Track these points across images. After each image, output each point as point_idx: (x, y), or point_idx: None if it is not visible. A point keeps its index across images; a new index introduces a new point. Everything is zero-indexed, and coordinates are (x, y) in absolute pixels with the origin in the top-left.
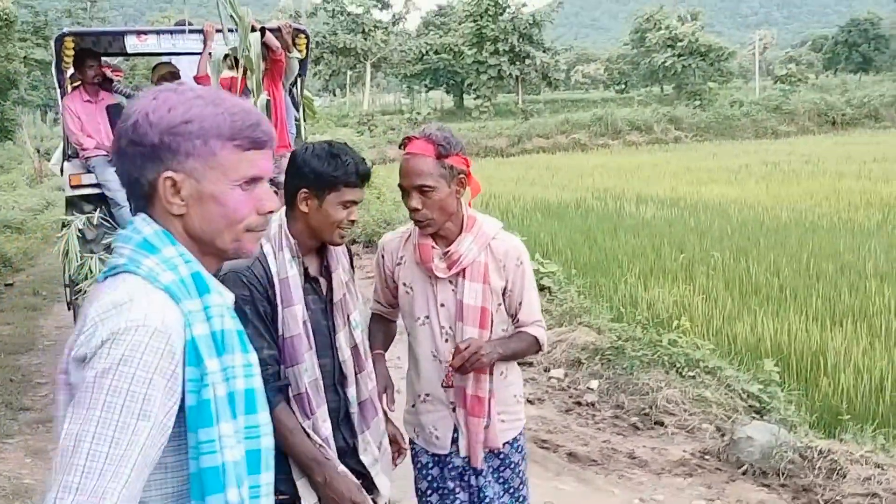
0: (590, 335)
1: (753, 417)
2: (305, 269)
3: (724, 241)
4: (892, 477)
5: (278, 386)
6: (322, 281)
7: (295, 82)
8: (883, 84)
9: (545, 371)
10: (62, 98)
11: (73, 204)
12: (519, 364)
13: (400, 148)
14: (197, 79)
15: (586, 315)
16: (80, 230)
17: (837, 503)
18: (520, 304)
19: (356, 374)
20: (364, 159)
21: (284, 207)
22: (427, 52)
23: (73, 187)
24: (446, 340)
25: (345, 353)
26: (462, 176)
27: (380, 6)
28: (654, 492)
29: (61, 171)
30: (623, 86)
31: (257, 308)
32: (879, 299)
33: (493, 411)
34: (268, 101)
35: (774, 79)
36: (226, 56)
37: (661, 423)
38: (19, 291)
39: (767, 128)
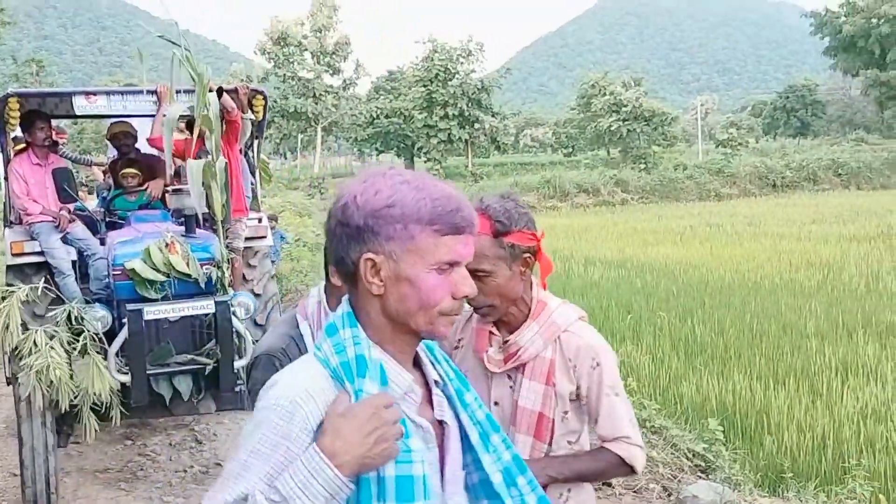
0: None
1: (699, 476)
2: None
3: (671, 301)
4: None
5: None
6: None
7: (250, 145)
8: (821, 148)
9: None
10: (5, 162)
11: (14, 273)
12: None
13: None
14: (150, 140)
15: None
16: (23, 301)
17: None
18: (598, 415)
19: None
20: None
21: (323, 281)
22: (377, 115)
23: (14, 255)
24: None
25: None
26: (528, 255)
27: (330, 72)
28: None
29: (1, 236)
30: (570, 149)
31: None
32: (820, 358)
33: None
34: (225, 164)
35: (716, 143)
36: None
37: (609, 485)
38: None
39: (710, 190)
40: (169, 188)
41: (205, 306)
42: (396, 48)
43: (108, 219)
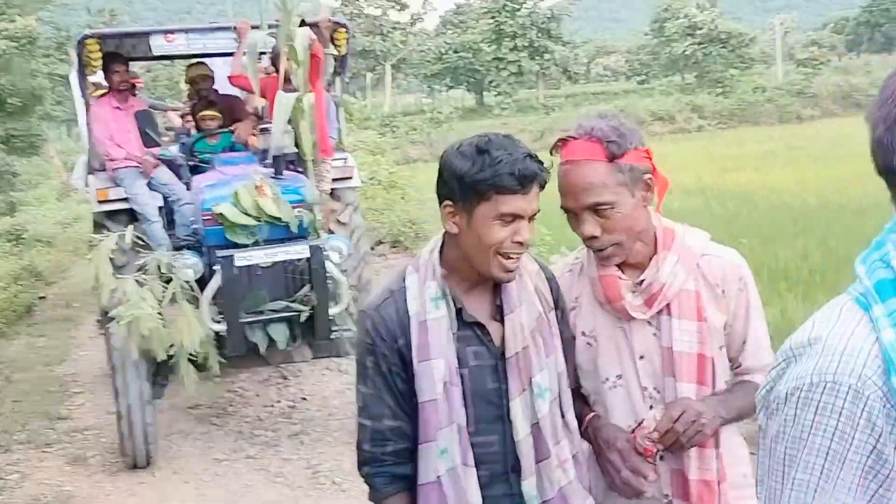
0: None
1: None
2: (459, 311)
3: (752, 228)
4: None
5: (395, 473)
6: (494, 327)
7: (332, 81)
8: None
9: None
10: (86, 106)
11: (100, 221)
12: None
13: (551, 154)
14: (232, 79)
15: None
16: (111, 250)
17: None
18: (743, 342)
19: (538, 463)
20: (529, 154)
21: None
22: (446, 51)
23: (100, 202)
24: (651, 406)
25: (521, 431)
26: (648, 177)
27: (397, 7)
28: None
29: (86, 184)
30: (644, 77)
31: (378, 362)
32: None
33: (730, 501)
34: (313, 99)
35: (797, 63)
36: (261, 54)
37: None
38: (52, 304)
39: (791, 112)
40: (255, 129)
41: (298, 251)
42: None
43: (190, 163)
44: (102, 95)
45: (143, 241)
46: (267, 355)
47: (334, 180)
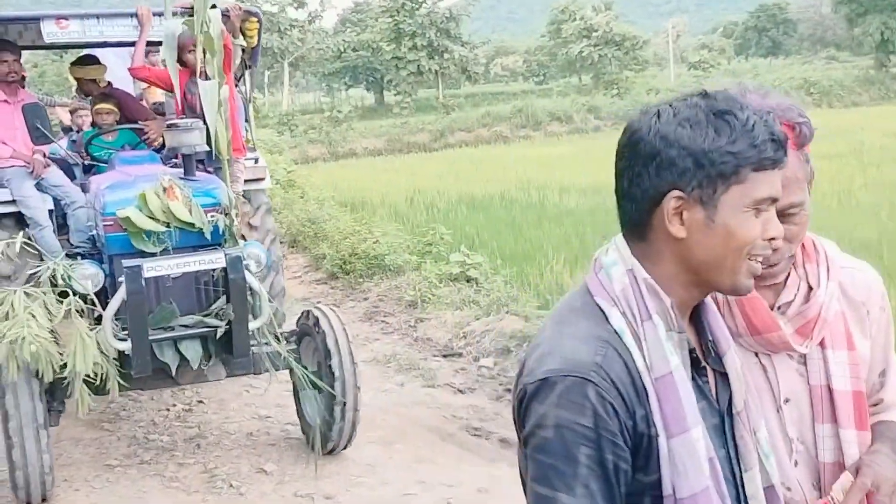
0: (517, 323)
1: None
2: (691, 352)
3: None
4: None
5: None
6: (710, 372)
7: (241, 76)
8: (792, 67)
9: (475, 360)
10: None
11: None
12: (445, 357)
13: None
14: (133, 71)
15: (513, 304)
16: None
17: None
18: (883, 372)
19: None
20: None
21: (623, 245)
22: (345, 49)
23: None
24: (796, 462)
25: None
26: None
27: (295, 5)
28: None
29: None
30: (542, 77)
31: (603, 454)
32: None
33: None
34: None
35: (689, 65)
36: (154, 44)
37: None
38: None
39: None
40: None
41: (214, 260)
42: None
43: (85, 163)
44: None
45: (32, 248)
46: (177, 375)
47: (246, 181)
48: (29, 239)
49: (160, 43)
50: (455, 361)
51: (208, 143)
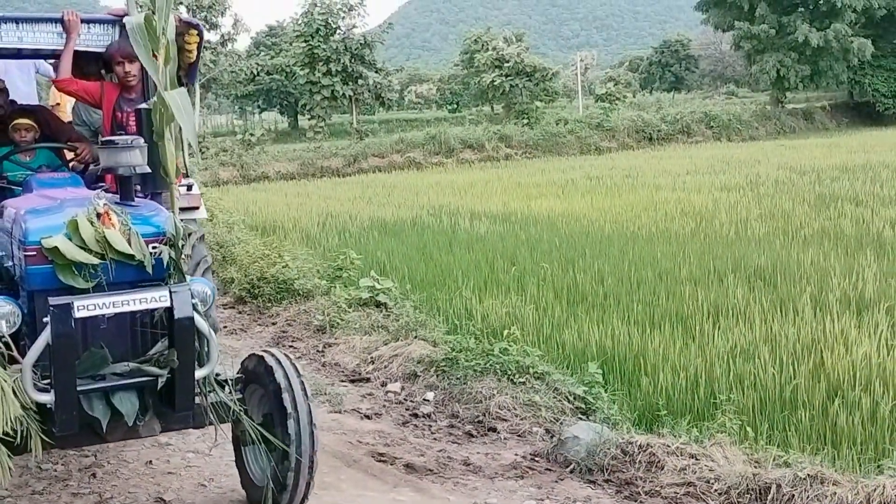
0: (425, 348)
1: (580, 418)
2: None
3: (553, 252)
4: (704, 466)
5: None
6: None
7: None
8: (693, 101)
9: (382, 385)
10: None
11: None
12: (353, 382)
13: None
14: (58, 83)
15: (422, 329)
16: None
17: (656, 493)
18: None
19: None
20: None
21: None
22: (258, 72)
23: None
24: None
25: None
26: None
27: (207, 27)
28: (488, 496)
29: None
30: (455, 105)
31: None
32: (693, 302)
33: None
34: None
35: (596, 98)
36: (89, 53)
37: (494, 429)
38: None
39: (591, 144)
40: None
41: (158, 298)
42: (275, 3)
43: None
44: None
45: None
46: (106, 432)
47: (182, 210)
48: None
49: (88, 55)
50: (362, 386)
51: (149, 163)
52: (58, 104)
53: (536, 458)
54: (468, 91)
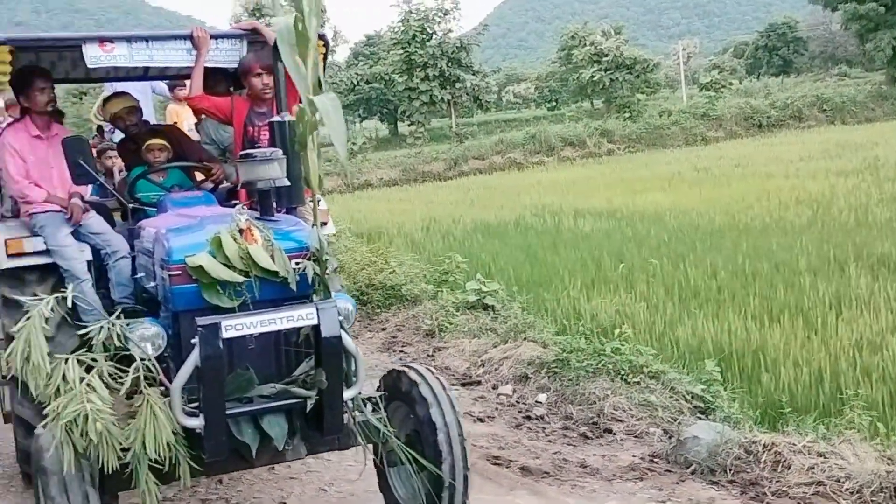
0: (535, 350)
1: (699, 417)
2: None
3: (662, 247)
4: (834, 465)
5: None
6: None
7: None
8: (804, 85)
9: (493, 388)
10: None
11: (8, 280)
12: (464, 385)
13: None
14: (191, 100)
15: (530, 330)
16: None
17: (784, 494)
18: None
19: None
20: None
21: None
22: (358, 82)
23: (10, 256)
24: None
25: None
26: None
27: None
28: (607, 498)
29: None
30: (554, 103)
31: None
32: (814, 294)
33: None
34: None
35: (700, 87)
36: (216, 70)
37: (610, 431)
38: None
39: (697, 134)
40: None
41: (305, 316)
42: (372, 12)
43: (130, 206)
44: (15, 121)
45: (67, 307)
46: (255, 456)
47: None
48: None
49: (217, 70)
50: (474, 390)
51: (288, 177)
52: (174, 124)
53: (655, 460)
54: (567, 88)
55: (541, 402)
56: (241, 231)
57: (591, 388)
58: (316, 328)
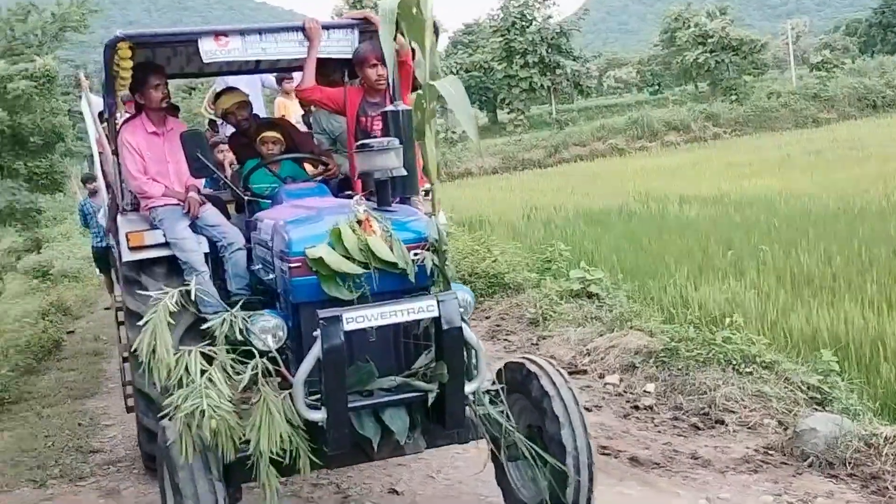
0: (642, 339)
1: (815, 409)
2: None
3: (773, 234)
4: None
5: None
6: None
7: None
8: None
9: (600, 377)
10: (113, 131)
11: (131, 272)
12: (570, 374)
13: None
14: (302, 92)
15: (637, 319)
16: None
17: None
18: None
19: None
20: None
21: None
22: (457, 70)
23: (132, 248)
24: None
25: None
26: None
27: None
28: (720, 490)
29: (114, 230)
30: (656, 87)
31: None
32: None
33: None
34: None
35: (810, 67)
36: (330, 59)
37: (722, 422)
38: (80, 338)
39: (807, 116)
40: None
41: (426, 308)
42: (471, 1)
43: (246, 198)
44: (131, 118)
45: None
46: (377, 450)
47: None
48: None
49: (331, 60)
50: (579, 379)
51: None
52: (283, 117)
53: (770, 452)
54: (670, 71)
55: (649, 392)
56: (359, 222)
57: (702, 378)
58: (436, 320)
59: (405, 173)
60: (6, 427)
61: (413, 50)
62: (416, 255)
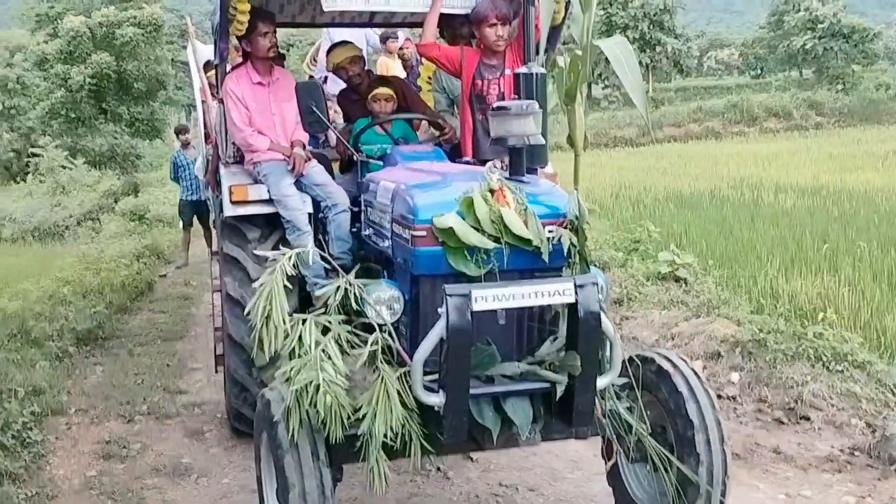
0: (729, 327)
1: None
2: None
3: (871, 230)
4: None
5: None
6: None
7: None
8: None
9: None
10: (220, 78)
11: (231, 230)
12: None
13: None
14: (422, 47)
15: (724, 307)
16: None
17: None
18: None
19: None
20: None
21: None
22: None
23: (234, 203)
24: None
25: None
26: None
27: None
28: (801, 487)
29: (217, 182)
30: (759, 71)
31: None
32: None
33: None
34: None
35: None
36: (455, 15)
37: (807, 418)
38: (172, 282)
39: None
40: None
41: (562, 291)
42: None
43: (356, 158)
44: (235, 67)
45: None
46: (488, 440)
47: None
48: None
49: (460, 16)
50: None
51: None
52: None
53: (855, 453)
54: (774, 55)
55: (733, 382)
56: (491, 191)
57: (789, 372)
58: (572, 306)
59: (543, 141)
60: (99, 362)
61: (567, 3)
62: (550, 232)
